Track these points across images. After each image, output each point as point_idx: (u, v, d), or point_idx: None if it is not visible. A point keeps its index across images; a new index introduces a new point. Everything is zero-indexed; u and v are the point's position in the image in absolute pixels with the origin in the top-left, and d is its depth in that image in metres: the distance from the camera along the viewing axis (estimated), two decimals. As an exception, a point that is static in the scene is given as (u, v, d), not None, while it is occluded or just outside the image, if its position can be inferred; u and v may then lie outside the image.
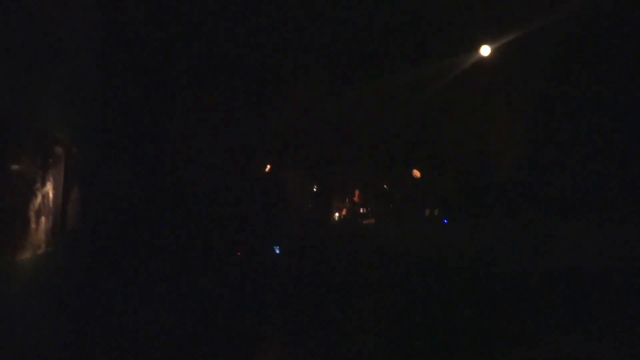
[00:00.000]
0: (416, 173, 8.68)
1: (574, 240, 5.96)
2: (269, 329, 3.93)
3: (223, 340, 3.68)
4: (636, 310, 3.29)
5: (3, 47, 2.77)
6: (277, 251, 5.83)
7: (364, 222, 8.62)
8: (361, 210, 8.59)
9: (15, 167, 3.13)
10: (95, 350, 3.62)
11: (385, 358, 3.10)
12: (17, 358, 3.04)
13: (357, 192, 8.45)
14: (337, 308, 4.01)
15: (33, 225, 3.49)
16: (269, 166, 7.31)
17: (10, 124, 2.98)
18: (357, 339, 3.40)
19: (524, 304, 3.59)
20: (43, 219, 3.63)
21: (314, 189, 8.83)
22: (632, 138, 7.03)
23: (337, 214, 8.69)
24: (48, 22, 3.47)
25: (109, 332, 3.74)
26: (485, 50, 7.05)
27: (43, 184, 3.61)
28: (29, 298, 3.38)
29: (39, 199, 3.54)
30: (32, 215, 3.46)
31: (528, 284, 4.14)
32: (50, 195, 3.73)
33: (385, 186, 8.51)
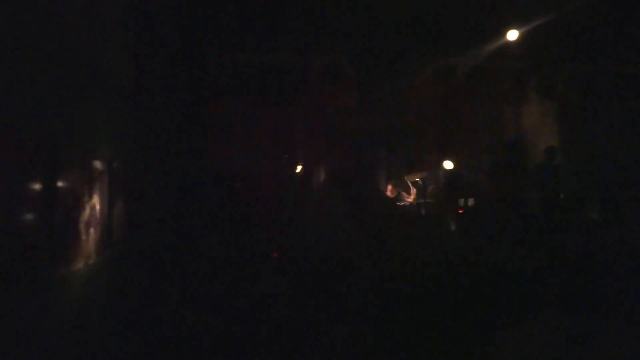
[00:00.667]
0: (448, 164, 8.73)
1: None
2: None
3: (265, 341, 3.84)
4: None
5: (43, 68, 3.01)
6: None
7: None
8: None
9: (65, 182, 3.48)
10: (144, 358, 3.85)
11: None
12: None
13: (390, 188, 8.59)
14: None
15: (84, 237, 3.85)
16: (300, 166, 7.55)
17: (58, 144, 3.32)
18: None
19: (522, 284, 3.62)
20: (92, 230, 3.99)
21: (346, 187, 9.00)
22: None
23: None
24: (83, 39, 3.70)
25: (157, 338, 3.97)
26: (512, 35, 6.96)
27: (90, 198, 3.96)
28: (88, 304, 3.74)
29: (87, 212, 3.89)
30: (82, 227, 3.81)
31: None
32: (97, 208, 4.09)
33: (418, 180, 8.60)
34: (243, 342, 3.80)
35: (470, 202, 8.24)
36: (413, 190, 8.45)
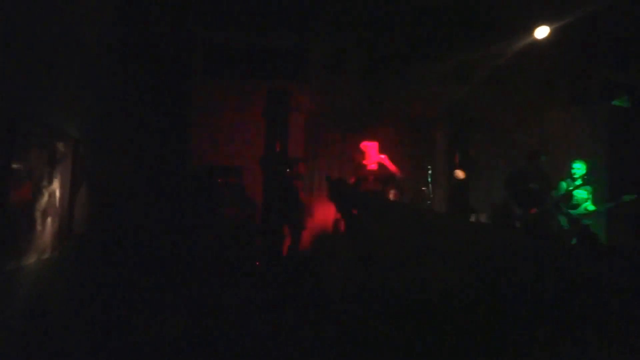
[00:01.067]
0: (459, 174, 8.37)
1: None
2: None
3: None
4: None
5: (11, 40, 2.81)
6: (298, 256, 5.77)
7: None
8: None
9: (21, 164, 3.16)
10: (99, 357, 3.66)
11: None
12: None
13: (393, 193, 8.27)
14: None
15: (39, 228, 3.52)
16: (294, 168, 7.25)
17: (16, 119, 3.01)
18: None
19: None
20: (49, 220, 3.65)
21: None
22: None
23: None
24: (58, 14, 3.50)
25: (114, 339, 3.79)
26: (542, 32, 6.61)
27: (50, 183, 3.63)
28: (32, 305, 3.43)
29: (45, 199, 3.56)
30: (37, 216, 3.48)
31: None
32: (57, 195, 3.76)
33: (424, 188, 8.28)
34: (213, 342, 3.63)
35: (482, 217, 7.88)
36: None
